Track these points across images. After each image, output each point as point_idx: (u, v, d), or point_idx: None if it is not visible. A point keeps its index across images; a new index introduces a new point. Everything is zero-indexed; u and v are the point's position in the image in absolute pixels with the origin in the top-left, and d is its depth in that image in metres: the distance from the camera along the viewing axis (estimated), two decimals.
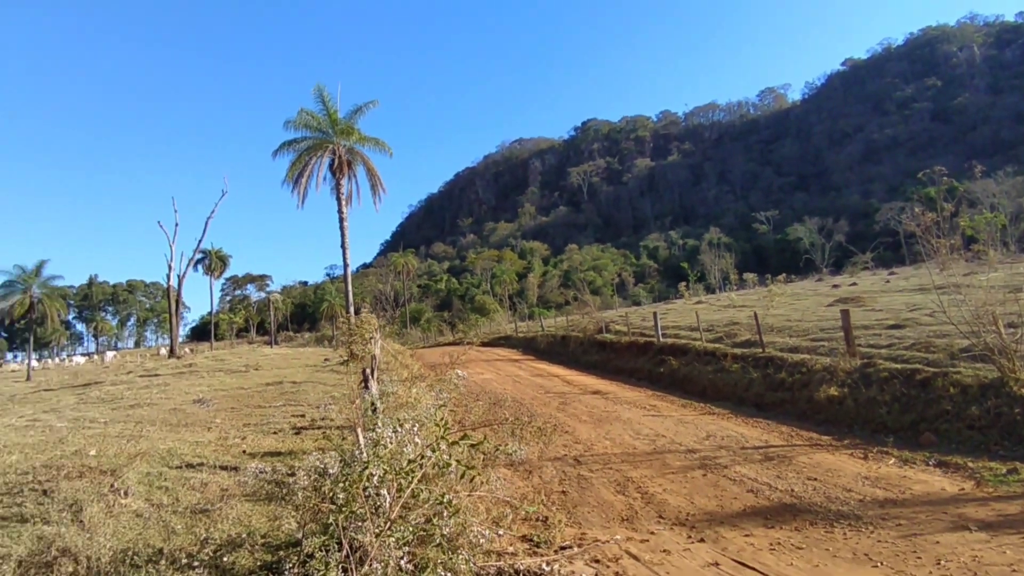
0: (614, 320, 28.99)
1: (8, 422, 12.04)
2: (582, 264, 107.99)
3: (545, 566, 5.37)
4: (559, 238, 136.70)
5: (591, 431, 10.93)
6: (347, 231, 29.95)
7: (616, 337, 23.87)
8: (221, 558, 5.13)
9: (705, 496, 7.08)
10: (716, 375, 14.67)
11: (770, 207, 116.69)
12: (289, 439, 9.53)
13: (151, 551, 5.15)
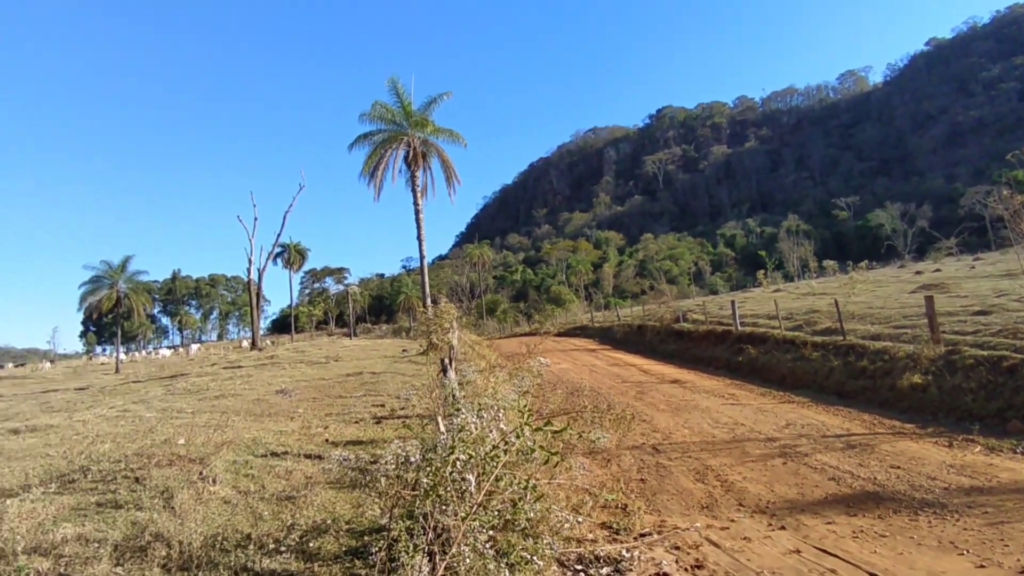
0: (691, 309, 28.22)
1: (100, 412, 12.91)
2: (658, 253, 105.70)
3: (625, 552, 5.28)
4: (634, 227, 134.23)
5: (669, 420, 10.73)
6: (423, 223, 30.35)
7: (693, 326, 23.31)
8: (307, 543, 5.30)
9: (785, 484, 6.92)
10: (795, 363, 14.34)
11: (850, 193, 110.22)
12: (370, 428, 9.78)
13: (239, 536, 5.37)
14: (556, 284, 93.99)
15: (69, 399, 19.18)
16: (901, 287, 26.11)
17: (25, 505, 5.88)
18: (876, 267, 51.25)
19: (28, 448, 9.31)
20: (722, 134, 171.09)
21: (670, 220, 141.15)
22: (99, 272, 45.39)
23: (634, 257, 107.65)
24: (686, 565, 4.96)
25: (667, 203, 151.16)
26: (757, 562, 4.90)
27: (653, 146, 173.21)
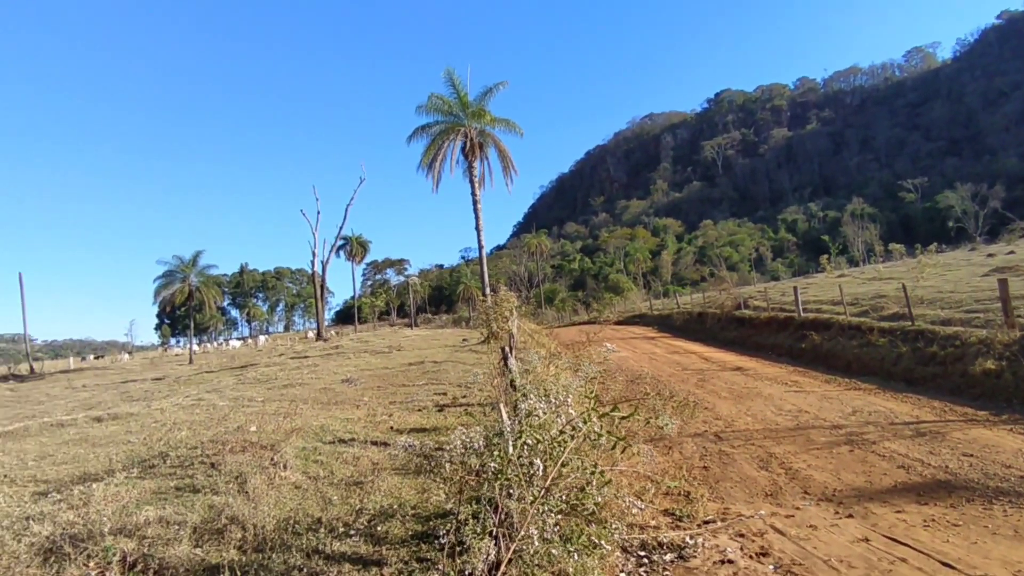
0: (752, 296, 27.38)
1: (176, 401, 13.57)
2: (717, 240, 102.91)
3: (689, 539, 5.18)
4: (693, 214, 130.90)
5: (731, 407, 10.47)
6: (481, 213, 30.53)
7: (755, 313, 22.65)
8: (375, 527, 5.42)
9: (852, 472, 6.69)
10: (861, 350, 13.87)
11: (918, 174, 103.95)
12: (433, 416, 9.93)
13: (310, 520, 5.55)
14: (614, 272, 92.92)
15: (147, 388, 20.35)
16: (972, 270, 24.88)
17: (110, 489, 6.25)
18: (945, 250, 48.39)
19: (111, 435, 9.92)
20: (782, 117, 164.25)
21: (729, 206, 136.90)
22: (172, 267, 46.91)
23: (693, 244, 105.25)
24: (751, 552, 4.82)
25: (726, 188, 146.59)
26: (824, 550, 4.73)
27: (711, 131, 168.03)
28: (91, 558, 4.80)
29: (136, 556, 4.90)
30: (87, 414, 12.39)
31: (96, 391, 22.91)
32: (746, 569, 4.50)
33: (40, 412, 16.03)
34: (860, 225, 74.95)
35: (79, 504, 5.93)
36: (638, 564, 4.84)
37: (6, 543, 5.30)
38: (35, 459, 8.55)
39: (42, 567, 4.77)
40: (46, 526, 5.48)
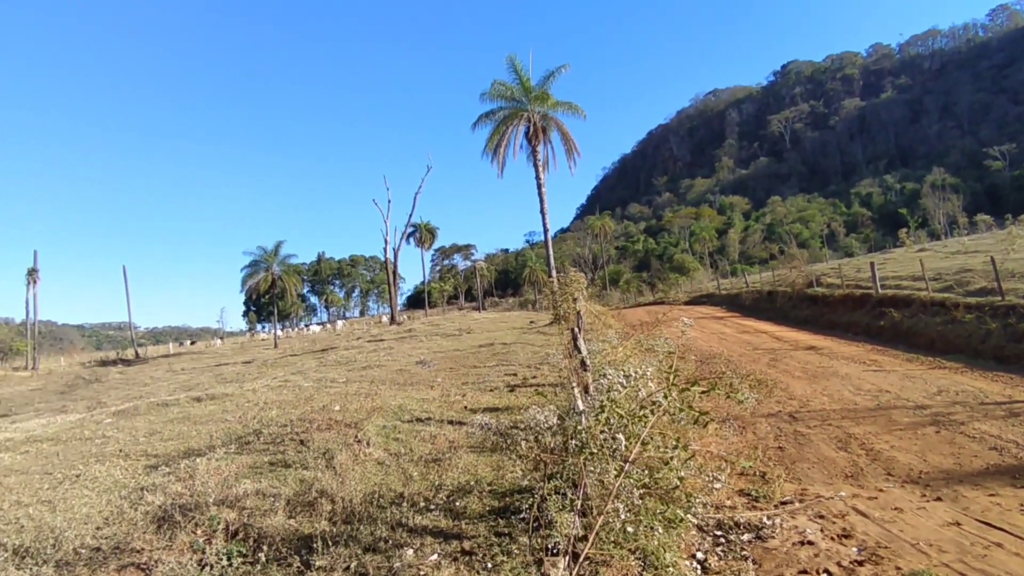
0: (825, 273, 26.13)
1: (265, 383, 14.27)
2: (786, 217, 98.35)
3: (766, 519, 5.06)
4: (760, 191, 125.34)
5: (806, 387, 10.07)
6: (545, 196, 30.31)
7: (828, 290, 21.61)
8: (454, 502, 5.57)
9: (940, 454, 6.33)
10: (946, 327, 13.10)
11: (1005, 140, 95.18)
12: (504, 396, 10.05)
13: (393, 494, 5.75)
14: (679, 252, 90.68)
15: (238, 371, 21.53)
16: None
17: (212, 463, 6.65)
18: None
19: (209, 414, 10.58)
20: (855, 86, 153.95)
21: (799, 181, 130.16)
22: (256, 257, 49.26)
23: (760, 222, 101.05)
24: (832, 534, 4.65)
25: (795, 163, 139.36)
26: (912, 533, 4.50)
27: (778, 104, 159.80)
28: (198, 526, 5.15)
29: (237, 525, 5.23)
30: (187, 395, 13.27)
31: (193, 374, 24.47)
32: (828, 551, 4.34)
33: (146, 393, 17.27)
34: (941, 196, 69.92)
35: (185, 477, 6.36)
36: (715, 543, 4.76)
37: (125, 511, 5.77)
38: (145, 435, 9.24)
39: (156, 533, 5.15)
40: (158, 496, 5.90)
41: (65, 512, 5.85)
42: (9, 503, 6.35)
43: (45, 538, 5.11)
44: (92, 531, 5.37)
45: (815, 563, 4.15)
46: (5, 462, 8.22)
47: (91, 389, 25.17)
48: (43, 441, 9.55)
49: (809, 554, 4.32)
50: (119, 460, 7.74)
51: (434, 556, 4.73)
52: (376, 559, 4.64)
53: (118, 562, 4.76)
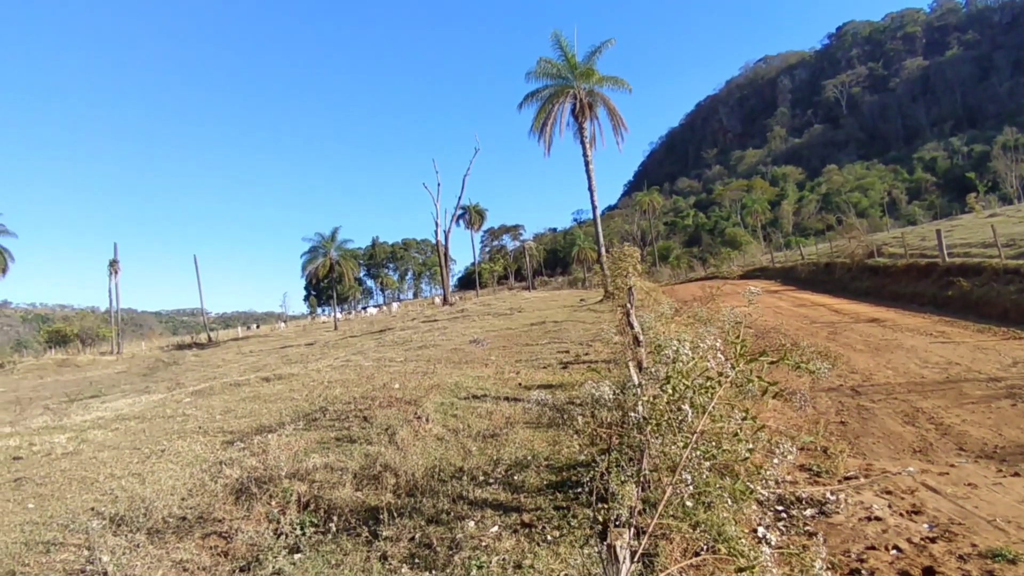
0: (886, 242, 24.88)
1: (328, 363, 14.71)
2: (843, 185, 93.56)
3: (829, 495, 4.90)
4: (815, 159, 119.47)
5: (868, 360, 9.66)
6: (593, 173, 29.83)
7: (890, 261, 20.58)
8: (512, 476, 5.63)
9: (1017, 428, 5.95)
10: (1021, 296, 12.33)
11: None
12: (557, 373, 10.05)
13: (453, 469, 5.87)
14: (730, 226, 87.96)
15: (302, 352, 22.31)
16: None
17: (283, 439, 6.96)
18: None
19: (278, 393, 11.02)
20: (917, 45, 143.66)
21: (856, 148, 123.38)
22: (315, 243, 50.65)
23: (816, 192, 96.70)
24: (901, 510, 4.46)
25: (852, 130, 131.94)
26: (988, 510, 4.26)
27: (833, 68, 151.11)
28: (272, 498, 5.39)
29: (308, 497, 5.44)
30: (257, 375, 13.85)
31: (260, 356, 25.53)
32: (896, 527, 4.17)
33: (219, 374, 18.12)
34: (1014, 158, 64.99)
35: (259, 452, 6.66)
36: (776, 518, 4.65)
37: (206, 484, 6.09)
38: (220, 413, 9.71)
39: (235, 504, 5.42)
40: (235, 470, 6.21)
41: (153, 484, 6.22)
42: (104, 475, 6.79)
43: (137, 508, 5.43)
44: (178, 502, 5.69)
45: (883, 539, 4.00)
46: (99, 438, 8.77)
47: (170, 371, 26.60)
48: (130, 419, 10.14)
49: (877, 530, 4.17)
50: (199, 436, 8.17)
51: (495, 528, 4.81)
52: (439, 530, 4.75)
53: (202, 531, 5.04)
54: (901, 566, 3.58)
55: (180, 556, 4.61)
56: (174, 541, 4.85)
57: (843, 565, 3.72)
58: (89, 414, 11.26)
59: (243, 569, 4.42)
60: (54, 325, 62.63)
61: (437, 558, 4.37)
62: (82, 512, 5.66)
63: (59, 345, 51.72)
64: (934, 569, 3.48)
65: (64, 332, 55.24)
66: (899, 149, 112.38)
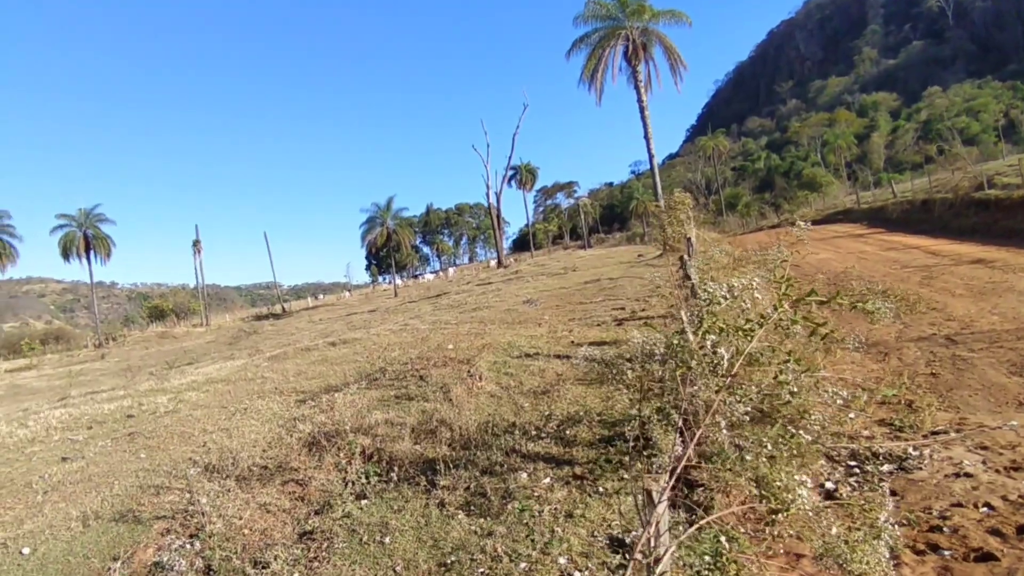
0: (1000, 172, 22.58)
1: (388, 327, 15.30)
2: (948, 109, 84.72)
3: (912, 450, 4.63)
4: (913, 82, 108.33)
5: (969, 306, 8.91)
6: (649, 119, 28.53)
7: (1003, 193, 18.72)
8: (563, 431, 5.70)
9: None
10: None
11: None
12: (611, 330, 9.95)
13: (506, 424, 6.03)
14: (809, 167, 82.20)
15: (364, 319, 23.27)
16: None
17: (347, 396, 7.31)
18: None
19: (343, 356, 11.60)
20: None
21: (966, 64, 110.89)
22: (372, 213, 52.78)
23: (914, 119, 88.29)
24: (998, 467, 4.14)
25: (960, 43, 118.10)
26: None
27: None
28: (340, 450, 5.69)
29: (372, 449, 5.75)
30: (324, 340, 14.61)
31: (328, 323, 26.87)
32: (990, 484, 3.88)
33: (292, 341, 19.19)
34: None
35: (327, 409, 7.04)
36: (847, 474, 4.43)
37: (283, 437, 6.55)
38: (293, 375, 10.32)
39: (308, 455, 5.78)
40: (307, 425, 6.65)
41: (239, 438, 6.79)
42: (198, 431, 7.46)
43: (226, 458, 5.97)
44: (260, 453, 6.20)
45: (973, 496, 3.74)
46: (193, 399, 9.61)
47: (251, 340, 28.56)
48: (218, 382, 10.98)
49: (966, 487, 3.90)
50: (275, 396, 8.75)
51: (547, 479, 4.87)
52: (493, 481, 4.87)
53: (281, 478, 5.48)
54: (992, 524, 3.34)
55: (264, 499, 5.06)
56: (258, 487, 5.30)
57: (922, 522, 3.51)
58: (185, 378, 12.27)
59: (317, 512, 4.81)
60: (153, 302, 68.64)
61: (491, 506, 4.51)
62: (182, 461, 6.28)
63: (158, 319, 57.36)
64: None
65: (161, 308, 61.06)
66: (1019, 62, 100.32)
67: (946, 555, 3.10)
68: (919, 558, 3.13)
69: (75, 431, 8.17)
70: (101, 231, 46.66)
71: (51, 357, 35.97)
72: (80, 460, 6.81)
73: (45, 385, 20.57)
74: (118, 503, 5.40)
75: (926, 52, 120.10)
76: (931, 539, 3.28)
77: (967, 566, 2.97)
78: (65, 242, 44.89)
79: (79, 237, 45.21)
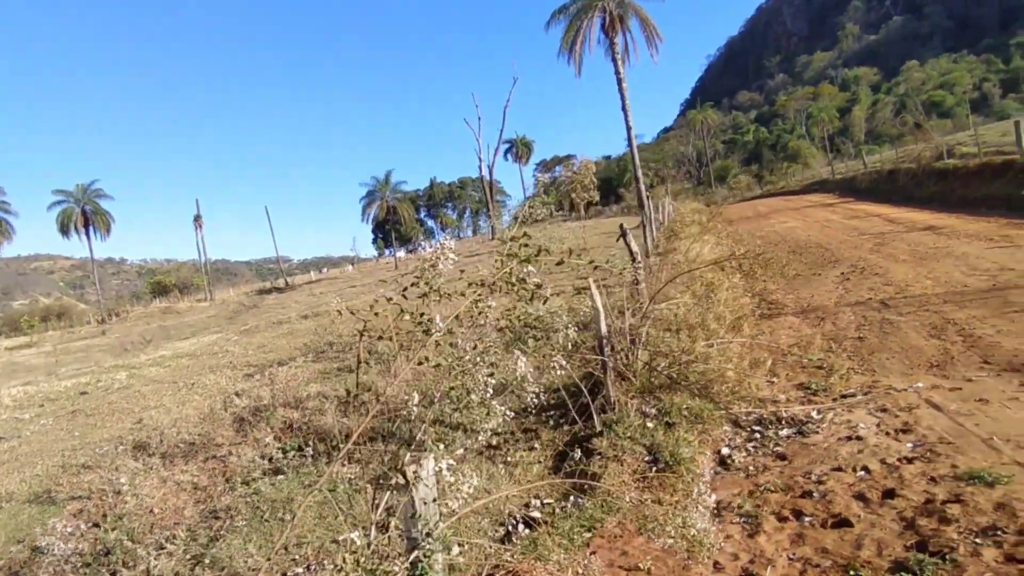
0: (960, 143, 22.29)
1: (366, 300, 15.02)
2: (925, 83, 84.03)
3: (815, 414, 4.50)
4: (893, 57, 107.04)
5: (909, 271, 8.79)
6: (627, 91, 27.98)
7: (961, 162, 18.42)
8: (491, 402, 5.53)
9: None
10: None
11: None
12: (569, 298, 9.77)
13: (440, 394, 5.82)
14: (794, 139, 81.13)
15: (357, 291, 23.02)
16: None
17: (291, 370, 7.17)
18: None
19: (308, 329, 11.44)
20: None
21: (943, 40, 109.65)
22: (371, 187, 52.78)
23: (893, 93, 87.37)
24: (889, 429, 4.01)
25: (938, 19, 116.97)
26: (990, 427, 3.73)
27: None
28: (268, 425, 5.54)
29: (299, 423, 5.58)
30: (298, 314, 14.39)
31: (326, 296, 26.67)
32: (876, 447, 3.75)
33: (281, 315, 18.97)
34: None
35: (268, 382, 6.88)
36: (747, 439, 4.30)
37: (217, 412, 6.37)
38: (255, 349, 10.13)
39: (238, 430, 5.64)
40: (244, 400, 6.46)
41: (176, 414, 6.59)
42: (140, 407, 7.27)
43: (155, 435, 5.77)
44: (190, 428, 6.01)
45: (855, 460, 3.60)
46: (151, 374, 9.42)
47: (250, 314, 28.35)
48: (183, 356, 10.79)
49: (852, 450, 3.76)
50: (227, 370, 8.58)
51: (460, 450, 4.74)
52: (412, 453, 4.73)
53: (205, 454, 5.30)
54: (860, 488, 3.20)
55: (183, 477, 4.88)
56: (181, 464, 5.14)
57: (797, 487, 3.38)
58: (156, 353, 12.04)
59: (232, 489, 4.63)
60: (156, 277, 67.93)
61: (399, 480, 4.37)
62: (113, 440, 6.08)
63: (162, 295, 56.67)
64: (895, 492, 3.09)
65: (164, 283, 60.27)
66: (994, 36, 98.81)
67: (806, 521, 2.97)
68: (780, 525, 3.00)
69: (26, 409, 8.03)
70: (100, 207, 46.00)
71: (52, 334, 35.82)
72: (15, 439, 6.67)
73: (43, 362, 20.45)
74: (37, 483, 5.27)
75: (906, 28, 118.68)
76: (798, 505, 3.15)
77: (820, 532, 2.84)
78: (63, 218, 44.28)
79: (77, 213, 44.57)
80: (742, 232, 18.77)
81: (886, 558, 2.51)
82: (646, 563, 2.74)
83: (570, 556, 2.84)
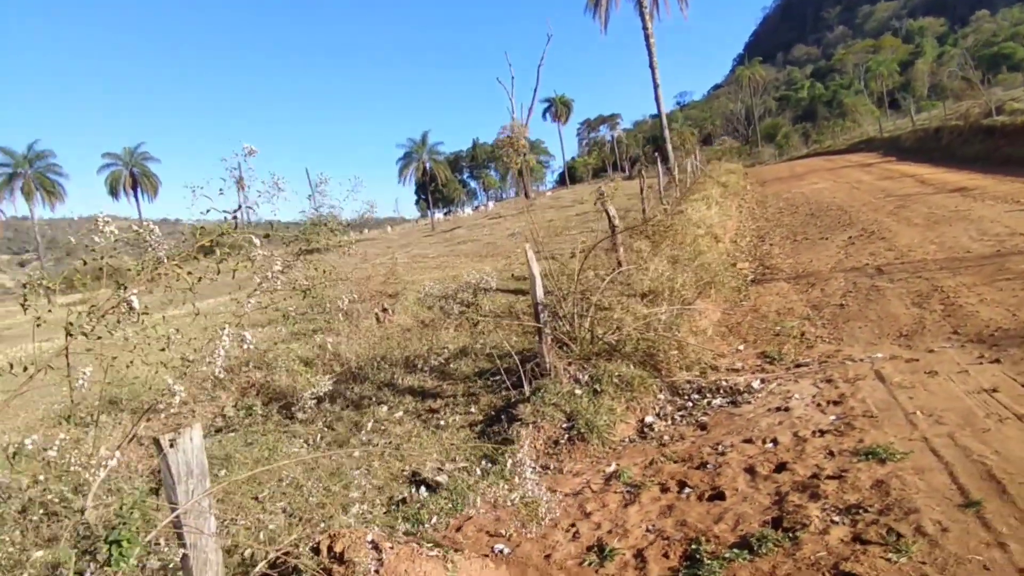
0: (1015, 98, 20.55)
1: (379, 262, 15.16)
2: (996, 34, 77.41)
3: (756, 383, 4.37)
4: (962, 6, 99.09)
5: (916, 235, 8.34)
6: (654, 47, 26.95)
7: (1009, 119, 17.08)
8: (448, 364, 5.57)
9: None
10: None
11: None
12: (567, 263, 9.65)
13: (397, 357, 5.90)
14: (851, 95, 76.50)
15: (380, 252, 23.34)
16: None
17: (267, 331, 7.34)
18: None
19: None
20: None
21: None
22: (408, 148, 52.84)
23: (960, 45, 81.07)
24: (823, 400, 3.86)
25: None
26: (921, 401, 3.54)
27: None
28: (235, 383, 5.75)
29: (261, 383, 5.77)
30: None
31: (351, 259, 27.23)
32: (798, 419, 3.61)
33: None
34: None
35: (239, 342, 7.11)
36: (679, 408, 4.22)
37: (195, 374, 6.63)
38: None
39: (211, 390, 5.86)
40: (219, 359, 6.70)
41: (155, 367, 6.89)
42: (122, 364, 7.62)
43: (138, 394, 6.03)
44: None
45: (770, 432, 3.48)
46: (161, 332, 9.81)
47: None
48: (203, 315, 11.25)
49: (772, 421, 3.64)
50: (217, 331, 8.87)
51: (400, 413, 4.82)
52: (353, 415, 4.84)
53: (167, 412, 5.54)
54: (755, 462, 3.10)
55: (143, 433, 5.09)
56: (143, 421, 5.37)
57: (697, 458, 3.29)
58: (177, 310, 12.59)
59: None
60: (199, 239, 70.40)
61: (338, 437, 4.49)
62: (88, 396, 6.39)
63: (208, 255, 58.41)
64: (786, 465, 2.98)
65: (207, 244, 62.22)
66: None
67: (685, 494, 2.90)
68: (658, 495, 2.94)
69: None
70: (147, 168, 47.62)
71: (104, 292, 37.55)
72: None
73: None
74: None
75: None
76: (688, 476, 3.08)
77: (691, 505, 2.77)
78: (111, 180, 46.05)
79: (125, 175, 46.26)
80: (768, 194, 18.05)
81: (736, 533, 2.45)
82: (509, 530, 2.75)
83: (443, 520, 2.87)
